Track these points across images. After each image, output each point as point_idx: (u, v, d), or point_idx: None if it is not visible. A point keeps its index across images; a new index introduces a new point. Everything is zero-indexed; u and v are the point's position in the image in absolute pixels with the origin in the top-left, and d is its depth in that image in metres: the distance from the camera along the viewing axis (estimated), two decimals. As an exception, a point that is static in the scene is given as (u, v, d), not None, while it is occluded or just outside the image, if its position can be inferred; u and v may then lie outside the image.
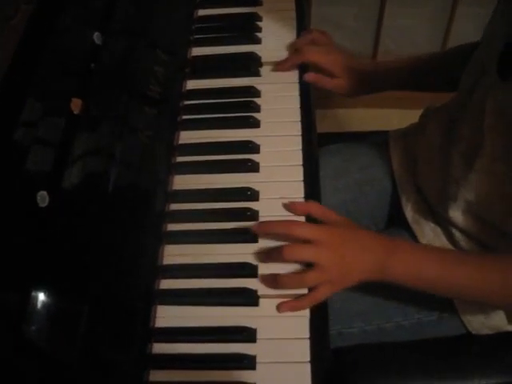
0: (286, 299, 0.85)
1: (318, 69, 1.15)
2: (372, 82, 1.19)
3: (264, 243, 0.90)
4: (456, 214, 1.01)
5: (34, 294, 0.68)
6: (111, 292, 0.80)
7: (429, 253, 0.94)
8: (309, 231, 0.87)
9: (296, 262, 0.87)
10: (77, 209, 0.76)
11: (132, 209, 0.88)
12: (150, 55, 1.02)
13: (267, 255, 0.88)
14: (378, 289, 1.07)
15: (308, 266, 0.86)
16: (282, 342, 0.82)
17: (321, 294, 0.85)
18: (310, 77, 1.10)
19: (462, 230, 1.03)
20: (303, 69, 1.12)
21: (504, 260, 0.90)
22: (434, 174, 1.08)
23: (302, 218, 0.92)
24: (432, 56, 1.23)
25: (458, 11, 2.03)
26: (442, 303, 1.06)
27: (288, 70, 1.11)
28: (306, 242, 0.86)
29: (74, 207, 0.76)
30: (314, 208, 0.92)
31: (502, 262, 0.90)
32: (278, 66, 1.11)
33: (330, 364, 0.86)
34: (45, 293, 0.69)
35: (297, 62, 1.11)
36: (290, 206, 0.93)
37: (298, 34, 1.18)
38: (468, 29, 2.05)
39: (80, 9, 0.89)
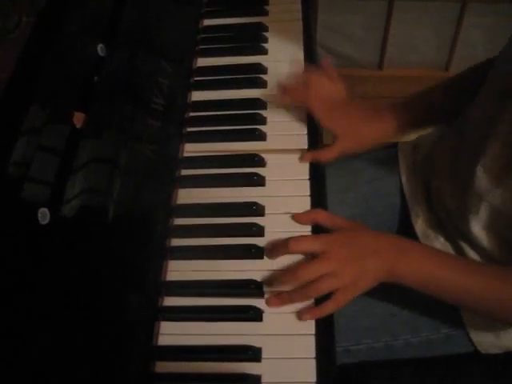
0: (292, 313, 0.84)
1: None
2: (377, 136, 1.10)
3: (270, 259, 0.89)
4: (476, 228, 1.00)
5: (34, 310, 0.67)
6: (114, 308, 0.79)
7: (441, 256, 0.93)
8: (312, 245, 0.87)
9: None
10: (78, 225, 0.75)
11: (135, 224, 0.87)
12: (155, 67, 1.01)
13: (279, 278, 0.86)
14: (385, 305, 1.06)
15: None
16: (287, 362, 0.81)
17: (340, 299, 0.84)
18: (306, 159, 1.01)
19: (476, 246, 1.02)
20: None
21: None
22: (451, 186, 1.06)
23: (308, 228, 0.92)
24: (444, 85, 1.16)
25: (465, 21, 2.03)
26: (451, 321, 1.05)
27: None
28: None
29: (76, 224, 0.75)
30: (321, 216, 0.92)
31: None
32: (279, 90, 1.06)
33: (336, 382, 0.84)
34: (46, 310, 0.68)
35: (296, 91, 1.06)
36: (295, 217, 0.92)
37: (305, 45, 1.17)
38: (475, 38, 2.05)
39: (83, 20, 0.88)
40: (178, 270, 0.89)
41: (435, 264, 0.88)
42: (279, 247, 0.88)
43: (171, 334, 0.84)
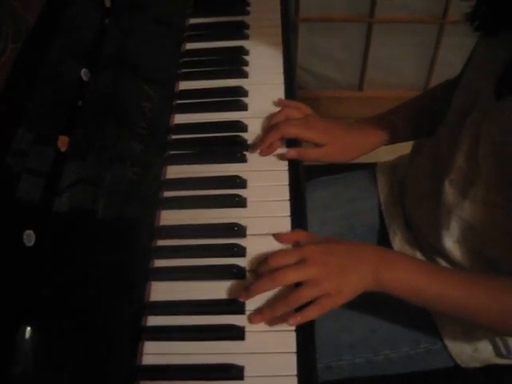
0: (274, 331, 0.85)
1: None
2: (360, 145, 1.14)
3: (251, 279, 0.89)
4: (448, 243, 1.02)
5: (19, 333, 0.67)
6: (98, 329, 0.80)
7: (422, 263, 0.95)
8: (292, 257, 0.87)
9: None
10: (64, 247, 0.76)
11: (119, 245, 0.88)
12: (138, 91, 1.03)
13: (255, 287, 0.87)
14: (365, 321, 1.08)
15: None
16: (269, 379, 0.82)
17: (324, 305, 0.84)
18: (291, 154, 1.04)
19: (452, 262, 1.04)
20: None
21: (501, 281, 0.90)
22: (425, 203, 1.08)
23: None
24: (413, 102, 1.20)
25: (444, 41, 2.06)
26: (430, 336, 1.07)
27: (269, 150, 1.05)
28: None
29: (61, 245, 0.76)
30: (301, 236, 0.92)
31: (498, 283, 0.89)
32: (259, 147, 1.05)
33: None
34: (30, 332, 0.68)
35: (275, 138, 1.04)
36: (276, 237, 0.93)
37: (285, 68, 1.19)
38: (453, 58, 2.08)
39: (67, 46, 0.89)
40: (161, 291, 0.90)
41: (418, 272, 0.89)
42: (260, 265, 0.89)
43: (155, 353, 0.85)
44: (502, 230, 0.94)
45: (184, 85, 1.18)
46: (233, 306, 0.87)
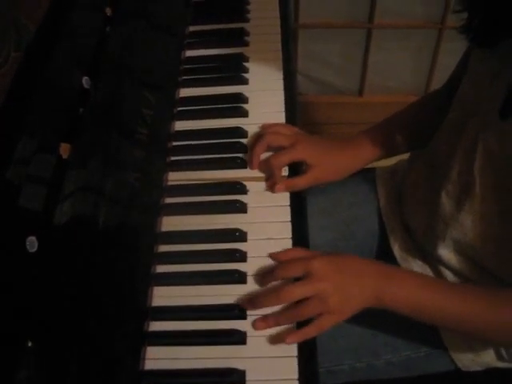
0: (275, 336, 0.85)
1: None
2: (351, 163, 1.13)
3: (253, 284, 0.90)
4: (444, 253, 1.02)
5: (21, 342, 0.67)
6: (101, 335, 0.80)
7: (424, 279, 0.94)
8: (299, 269, 0.87)
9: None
10: (66, 253, 0.77)
11: (121, 251, 0.88)
12: (139, 98, 1.04)
13: (260, 302, 0.87)
14: (365, 326, 1.08)
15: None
16: (271, 384, 0.82)
17: (323, 324, 0.84)
18: (279, 189, 1.01)
19: (451, 269, 1.04)
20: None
21: (500, 295, 0.90)
22: (421, 212, 1.08)
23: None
24: (404, 113, 1.18)
25: (442, 46, 2.07)
26: (431, 340, 1.07)
27: (258, 160, 1.04)
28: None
29: (64, 252, 0.76)
30: (297, 254, 0.91)
31: (498, 297, 0.89)
32: (249, 163, 1.04)
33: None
34: (33, 338, 0.68)
35: (262, 148, 1.04)
36: (272, 257, 0.92)
37: (285, 74, 1.20)
38: (452, 63, 2.07)
39: (69, 54, 0.90)
40: (164, 296, 0.91)
41: (423, 290, 0.89)
42: (266, 276, 0.89)
43: (157, 358, 0.85)
44: (497, 243, 0.94)
45: (184, 92, 1.19)
46: (234, 311, 0.88)
